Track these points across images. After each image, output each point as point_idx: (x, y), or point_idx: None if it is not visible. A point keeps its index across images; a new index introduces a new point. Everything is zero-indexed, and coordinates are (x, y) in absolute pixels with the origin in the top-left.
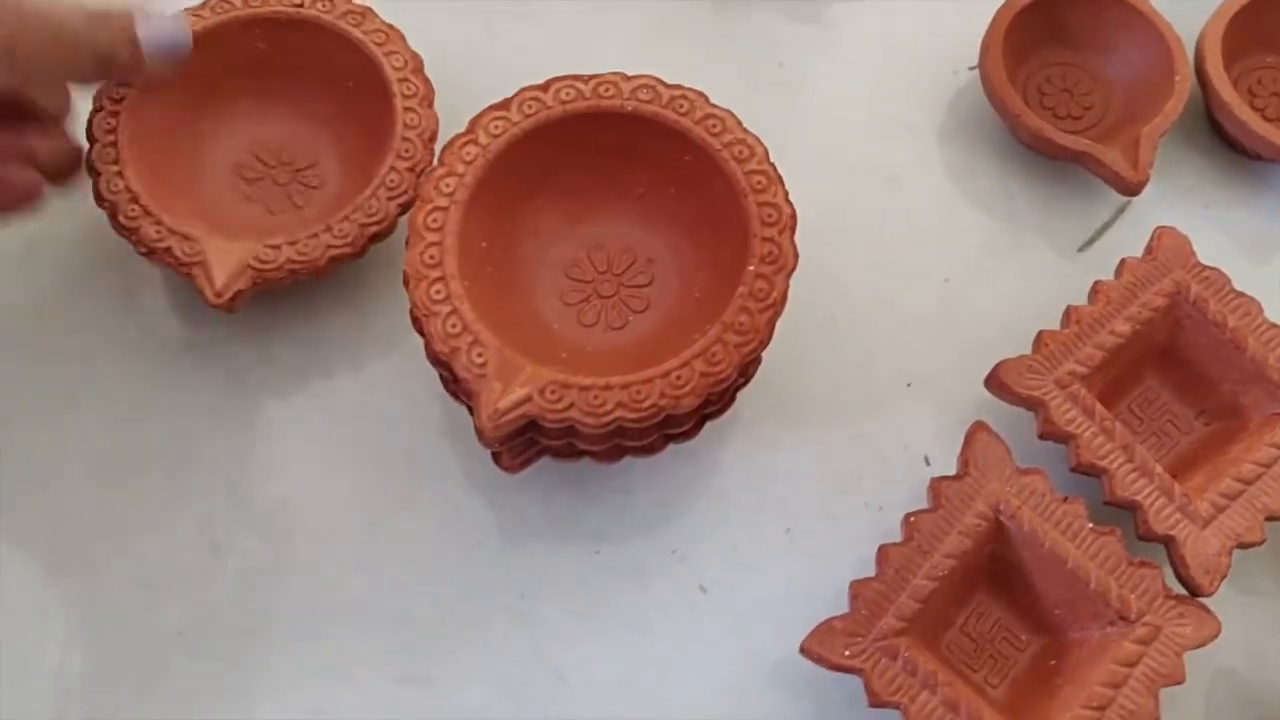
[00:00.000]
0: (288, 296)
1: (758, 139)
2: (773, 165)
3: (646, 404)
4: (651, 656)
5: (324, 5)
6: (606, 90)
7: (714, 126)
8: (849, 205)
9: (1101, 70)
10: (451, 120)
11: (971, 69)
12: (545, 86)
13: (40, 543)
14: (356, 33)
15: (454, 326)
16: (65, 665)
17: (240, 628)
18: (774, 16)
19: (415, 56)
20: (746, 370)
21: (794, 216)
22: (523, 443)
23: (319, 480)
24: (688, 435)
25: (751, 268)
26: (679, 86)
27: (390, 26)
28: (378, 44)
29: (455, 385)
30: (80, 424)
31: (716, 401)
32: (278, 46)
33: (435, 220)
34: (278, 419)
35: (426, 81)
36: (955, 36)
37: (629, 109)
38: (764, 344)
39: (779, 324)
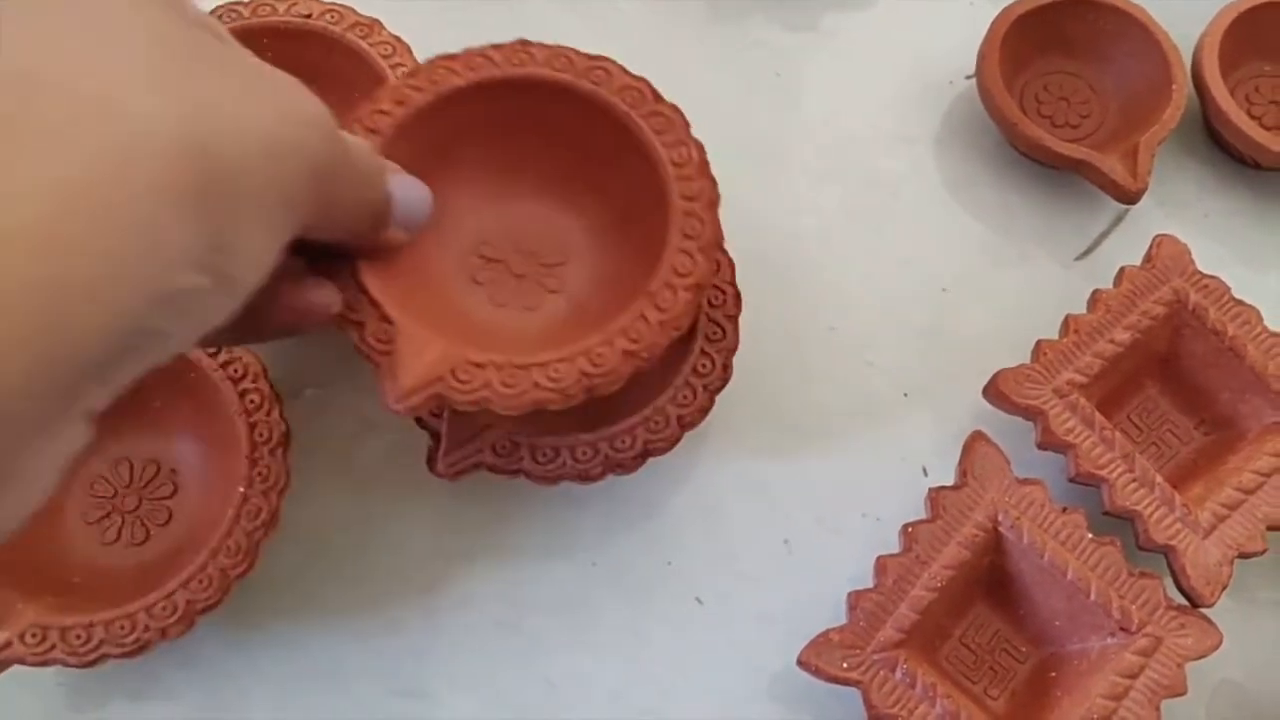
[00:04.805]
0: None
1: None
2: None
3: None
4: (647, 668)
5: (332, 16)
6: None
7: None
8: (846, 215)
9: (1099, 79)
10: None
11: (968, 78)
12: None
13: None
14: (363, 44)
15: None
16: (57, 678)
17: (234, 640)
18: (771, 26)
19: None
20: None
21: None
22: (461, 454)
23: (312, 491)
24: (627, 469)
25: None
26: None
27: (397, 38)
28: (384, 55)
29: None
30: None
31: (659, 431)
32: (284, 57)
33: None
34: None
35: None
36: (951, 45)
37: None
38: (684, 325)
39: (778, 333)
